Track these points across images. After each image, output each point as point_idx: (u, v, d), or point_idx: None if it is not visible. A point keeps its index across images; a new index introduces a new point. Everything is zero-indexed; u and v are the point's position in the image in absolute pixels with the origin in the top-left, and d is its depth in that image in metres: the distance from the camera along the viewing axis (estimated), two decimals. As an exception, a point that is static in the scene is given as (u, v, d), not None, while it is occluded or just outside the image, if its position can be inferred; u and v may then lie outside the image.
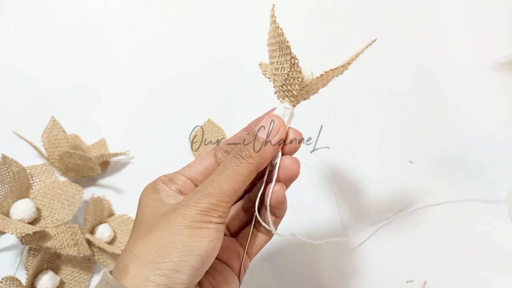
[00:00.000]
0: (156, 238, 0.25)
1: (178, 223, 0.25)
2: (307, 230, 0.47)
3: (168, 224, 0.25)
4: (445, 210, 0.48)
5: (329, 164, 0.50)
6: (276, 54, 0.29)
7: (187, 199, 0.26)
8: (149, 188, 0.30)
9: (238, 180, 0.27)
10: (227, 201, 0.26)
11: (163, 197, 0.29)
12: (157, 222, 0.26)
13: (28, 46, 0.56)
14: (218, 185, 0.26)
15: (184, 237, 0.25)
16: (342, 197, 0.49)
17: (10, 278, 0.41)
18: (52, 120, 0.47)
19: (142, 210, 0.28)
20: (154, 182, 0.30)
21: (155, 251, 0.24)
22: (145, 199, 0.29)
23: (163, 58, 0.56)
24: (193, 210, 0.25)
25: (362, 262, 0.46)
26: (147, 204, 0.28)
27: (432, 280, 0.45)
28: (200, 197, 0.26)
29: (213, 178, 0.27)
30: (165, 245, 0.25)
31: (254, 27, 0.58)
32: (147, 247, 0.25)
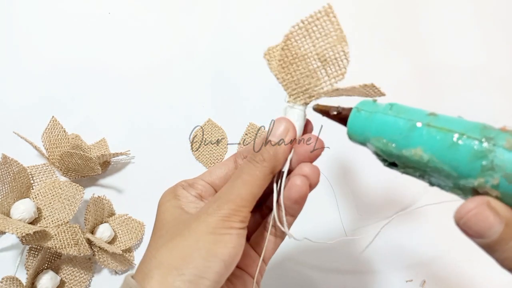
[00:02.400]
0: (180, 245, 0.25)
1: (201, 230, 0.25)
2: (307, 230, 0.47)
3: (191, 231, 0.26)
4: (445, 210, 0.48)
5: (329, 164, 0.50)
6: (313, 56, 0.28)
7: (207, 206, 0.27)
8: (169, 194, 0.30)
9: (255, 184, 0.27)
10: (247, 206, 0.26)
11: (183, 203, 0.29)
12: (179, 229, 0.26)
13: (28, 46, 0.56)
14: (236, 191, 0.27)
15: (207, 244, 0.25)
16: (342, 197, 0.49)
17: (10, 278, 0.41)
18: (53, 120, 0.47)
19: (162, 217, 0.28)
20: (174, 188, 0.30)
21: (179, 257, 0.25)
22: (165, 205, 0.29)
23: (163, 58, 0.56)
24: (215, 217, 0.26)
25: (362, 261, 0.46)
26: (167, 210, 0.28)
27: (431, 280, 0.45)
28: (220, 204, 0.26)
29: (231, 184, 0.27)
30: (190, 251, 0.25)
31: (256, 26, 0.58)
32: (171, 254, 0.25)
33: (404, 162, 0.24)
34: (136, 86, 0.55)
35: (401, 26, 0.58)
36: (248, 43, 0.56)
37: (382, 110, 0.25)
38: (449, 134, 0.21)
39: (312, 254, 0.46)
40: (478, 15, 0.59)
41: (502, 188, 0.19)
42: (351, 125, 0.26)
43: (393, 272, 0.45)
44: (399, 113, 0.24)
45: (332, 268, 0.46)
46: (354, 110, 0.26)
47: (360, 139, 0.26)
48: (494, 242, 0.19)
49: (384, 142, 0.24)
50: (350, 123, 0.26)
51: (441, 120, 0.22)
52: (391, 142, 0.23)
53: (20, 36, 0.57)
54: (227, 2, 0.59)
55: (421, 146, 0.22)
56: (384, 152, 0.24)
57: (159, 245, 0.26)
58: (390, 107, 0.25)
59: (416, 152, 0.22)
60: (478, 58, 0.56)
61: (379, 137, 0.24)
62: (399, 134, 0.23)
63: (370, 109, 0.26)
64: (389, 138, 0.23)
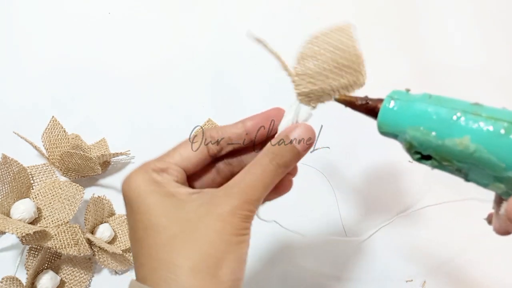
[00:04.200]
0: (205, 247, 0.23)
1: (228, 232, 0.24)
2: (307, 231, 0.47)
3: (215, 232, 0.24)
4: (445, 210, 0.48)
5: (329, 164, 0.50)
6: (331, 62, 0.27)
7: (228, 203, 0.25)
8: (145, 181, 0.25)
9: (273, 184, 0.27)
10: (257, 207, 0.26)
11: (173, 191, 0.25)
12: (195, 228, 0.24)
13: (28, 46, 0.56)
14: (258, 194, 0.26)
15: (235, 247, 0.24)
16: (342, 197, 0.49)
17: (10, 278, 0.41)
18: (53, 120, 0.47)
19: (153, 209, 0.24)
20: (146, 174, 0.26)
21: (212, 262, 0.23)
22: (150, 195, 0.25)
23: (163, 58, 0.56)
24: (238, 218, 0.24)
25: (362, 262, 0.46)
26: (157, 201, 0.25)
27: (432, 280, 0.45)
28: (243, 205, 0.25)
29: (252, 183, 0.26)
30: (221, 255, 0.23)
31: (256, 26, 0.58)
32: (199, 256, 0.23)
33: (442, 154, 0.23)
34: (136, 86, 0.55)
35: (401, 26, 0.58)
36: (248, 43, 0.56)
37: (420, 98, 0.24)
38: (498, 123, 0.20)
39: (311, 254, 0.46)
40: (478, 15, 0.59)
41: None
42: (383, 115, 0.25)
43: (393, 272, 0.45)
44: (440, 102, 0.23)
45: (331, 268, 0.46)
46: (387, 99, 0.25)
47: (393, 129, 0.25)
48: None
49: (423, 131, 0.23)
50: (382, 112, 0.25)
51: (488, 110, 0.21)
52: (431, 131, 0.22)
53: (20, 36, 0.57)
54: (227, 2, 0.59)
55: (468, 135, 0.21)
56: (422, 143, 0.23)
57: (172, 247, 0.23)
58: (429, 96, 0.24)
59: (462, 142, 0.21)
60: (478, 58, 0.56)
61: (417, 126, 0.23)
62: (442, 123, 0.22)
63: (405, 98, 0.25)
64: (429, 128, 0.23)
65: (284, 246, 0.47)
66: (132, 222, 0.25)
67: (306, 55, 0.27)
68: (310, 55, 0.27)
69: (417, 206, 0.48)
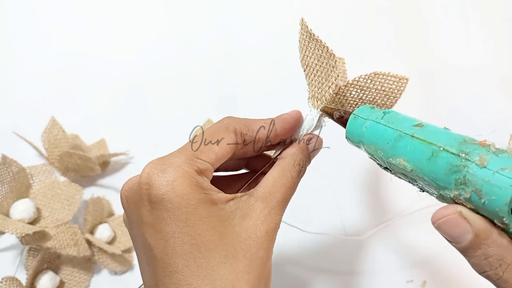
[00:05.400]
0: (260, 268, 0.22)
1: (271, 248, 0.23)
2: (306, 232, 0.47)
3: (264, 251, 0.23)
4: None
5: (329, 164, 0.50)
6: (312, 60, 0.30)
7: (272, 220, 0.24)
8: (191, 186, 0.22)
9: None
10: None
11: (215, 199, 0.23)
12: (247, 247, 0.22)
13: (28, 46, 0.56)
14: (287, 204, 0.26)
15: (271, 260, 0.24)
16: (342, 197, 0.49)
17: (10, 278, 0.41)
18: (52, 120, 0.47)
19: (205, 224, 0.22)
20: (191, 176, 0.22)
21: (263, 283, 0.22)
22: (198, 207, 0.22)
23: (163, 58, 0.56)
24: (276, 234, 0.24)
25: (362, 262, 0.46)
26: (206, 215, 0.22)
27: (432, 280, 0.45)
28: (281, 219, 0.25)
29: (286, 196, 0.26)
30: (267, 274, 0.23)
31: (256, 27, 0.58)
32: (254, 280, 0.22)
33: (393, 169, 0.25)
34: (136, 86, 0.54)
35: (402, 26, 0.58)
36: (248, 43, 0.56)
37: (374, 117, 0.26)
38: (429, 146, 0.22)
39: (311, 254, 0.46)
40: (478, 14, 0.58)
41: (474, 202, 0.19)
42: (348, 130, 0.27)
43: (393, 272, 0.45)
44: (389, 122, 0.25)
45: (331, 268, 0.46)
46: (351, 116, 0.27)
47: (356, 143, 0.27)
48: (465, 248, 0.21)
49: (374, 149, 0.25)
50: (348, 127, 0.27)
51: (425, 132, 0.23)
52: (380, 150, 0.24)
53: (20, 36, 0.57)
54: (228, 2, 0.59)
55: (404, 157, 0.23)
56: (376, 159, 0.26)
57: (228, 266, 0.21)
58: (383, 115, 0.25)
59: (400, 162, 0.23)
60: (478, 58, 0.56)
61: (370, 144, 0.25)
62: (387, 143, 0.24)
63: (365, 116, 0.26)
64: (378, 146, 0.24)
65: (282, 245, 0.46)
66: (173, 232, 0.21)
67: (358, 84, 0.29)
68: (361, 85, 0.29)
69: (417, 207, 0.48)
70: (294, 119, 0.29)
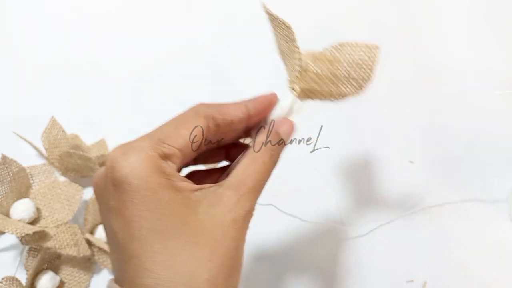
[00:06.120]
0: (223, 257, 0.21)
1: (240, 239, 0.23)
2: (306, 230, 0.47)
3: (231, 240, 0.22)
4: (445, 210, 0.48)
5: (329, 165, 0.50)
6: (281, 42, 0.29)
7: (241, 208, 0.23)
8: (152, 170, 0.21)
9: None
10: None
11: (179, 186, 0.22)
12: (211, 235, 0.21)
13: (27, 46, 0.56)
14: (260, 193, 0.25)
15: (242, 252, 0.23)
16: (342, 197, 0.49)
17: (10, 278, 0.41)
18: (52, 120, 0.47)
19: (166, 209, 0.21)
20: (152, 160, 0.22)
21: (227, 273, 0.21)
22: (159, 191, 0.21)
23: (163, 58, 0.56)
24: (247, 222, 0.23)
25: (362, 262, 0.46)
26: (167, 200, 0.21)
27: (432, 281, 0.45)
28: (252, 207, 0.24)
29: (258, 183, 0.25)
30: (233, 264, 0.22)
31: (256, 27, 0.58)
32: (215, 268, 0.21)
33: None
34: (136, 86, 0.54)
35: (401, 26, 0.58)
36: (248, 43, 0.56)
37: None
38: None
39: (311, 253, 0.46)
40: (479, 14, 0.58)
41: None
42: None
43: (393, 273, 0.45)
44: None
45: (331, 268, 0.46)
46: None
47: None
48: None
49: None
50: None
51: None
52: None
53: (20, 36, 0.57)
54: (228, 2, 0.59)
55: None
56: None
57: (188, 253, 0.21)
58: None
59: None
60: (478, 58, 0.56)
61: None
62: None
63: None
64: None
65: (281, 244, 0.46)
66: (132, 216, 0.21)
67: (325, 57, 0.28)
68: (328, 58, 0.28)
69: (417, 208, 0.48)
70: (268, 100, 0.28)
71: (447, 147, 0.51)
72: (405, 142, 0.51)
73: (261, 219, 0.47)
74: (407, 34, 0.57)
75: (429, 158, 0.51)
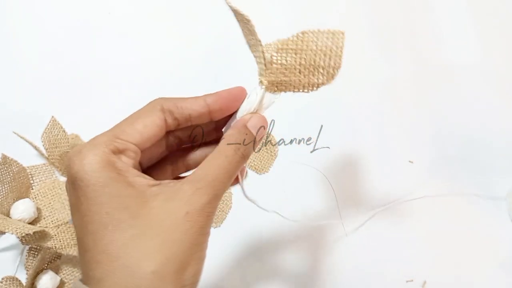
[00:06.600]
0: (170, 250, 0.21)
1: (194, 232, 0.22)
2: (306, 231, 0.47)
3: (182, 233, 0.22)
4: (447, 210, 0.48)
5: (329, 165, 0.50)
6: (248, 37, 0.28)
7: (197, 201, 0.22)
8: (102, 165, 0.22)
9: (236, 175, 0.26)
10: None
11: (133, 181, 0.23)
12: (160, 228, 0.21)
13: (27, 46, 0.56)
14: (224, 187, 0.24)
15: (198, 247, 0.22)
16: (342, 197, 0.49)
17: (10, 278, 0.41)
18: (52, 120, 0.47)
19: (115, 203, 0.21)
20: (103, 155, 0.22)
21: (176, 266, 0.21)
22: (108, 185, 0.22)
23: (164, 58, 0.56)
24: (205, 216, 0.23)
25: (362, 261, 0.46)
26: (116, 194, 0.22)
27: (432, 280, 0.45)
28: (212, 201, 0.23)
29: (219, 177, 0.24)
30: (184, 258, 0.21)
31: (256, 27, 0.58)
32: (160, 260, 0.21)
33: None
34: (136, 86, 0.54)
35: (401, 26, 0.58)
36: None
37: None
38: None
39: (310, 253, 0.46)
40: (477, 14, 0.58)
41: None
42: None
43: (393, 272, 0.45)
44: None
45: (331, 267, 0.46)
46: None
47: None
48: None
49: None
50: None
51: None
52: None
53: (20, 36, 0.57)
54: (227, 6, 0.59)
55: None
56: None
57: (133, 246, 0.21)
58: None
59: None
60: (478, 58, 0.56)
61: None
62: None
63: None
64: None
65: (281, 245, 0.47)
66: (85, 210, 0.22)
67: (288, 47, 0.27)
68: (292, 48, 0.27)
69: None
70: (232, 94, 0.28)
71: (447, 147, 0.51)
72: (405, 142, 0.51)
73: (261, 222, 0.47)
74: (407, 34, 0.57)
75: (429, 158, 0.51)
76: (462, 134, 0.52)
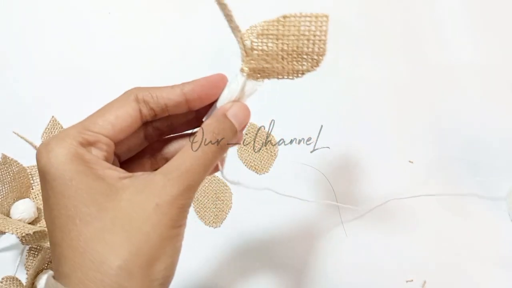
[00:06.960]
0: (138, 243, 0.20)
1: (165, 225, 0.21)
2: (306, 230, 0.47)
3: (151, 226, 0.21)
4: (447, 210, 0.48)
5: (329, 165, 0.50)
6: (229, 25, 0.27)
7: (167, 192, 0.21)
8: (69, 158, 0.21)
9: (213, 166, 0.24)
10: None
11: (103, 174, 0.22)
12: (128, 221, 0.20)
13: (27, 46, 0.56)
14: (199, 178, 0.23)
15: (170, 241, 0.21)
16: (342, 197, 0.49)
17: (10, 278, 0.41)
18: (52, 120, 0.47)
19: (81, 196, 0.21)
20: (71, 148, 0.22)
21: (145, 260, 0.20)
22: (75, 178, 0.21)
23: (164, 58, 0.56)
24: (177, 208, 0.22)
25: (361, 261, 0.46)
26: (83, 187, 0.21)
27: (432, 280, 0.45)
28: (184, 193, 0.22)
29: (193, 167, 0.23)
30: (154, 252, 0.21)
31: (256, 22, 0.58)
32: (127, 255, 0.20)
33: None
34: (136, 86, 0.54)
35: (401, 25, 0.58)
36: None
37: None
38: None
39: (310, 253, 0.46)
40: (477, 14, 0.58)
41: None
42: None
43: (393, 272, 0.45)
44: None
45: (331, 267, 0.46)
46: None
47: None
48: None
49: None
50: None
51: None
52: None
53: (20, 36, 0.57)
54: (228, 3, 0.59)
55: None
56: None
57: (100, 239, 0.20)
58: None
59: None
60: (478, 58, 0.56)
61: None
62: None
63: None
64: None
65: (280, 245, 0.47)
66: (53, 204, 0.21)
67: (269, 32, 0.26)
68: (273, 33, 0.25)
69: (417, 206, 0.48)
70: (210, 82, 0.26)
71: (447, 147, 0.51)
72: (405, 142, 0.51)
73: (261, 222, 0.47)
74: (407, 34, 0.57)
75: (429, 157, 0.51)
76: (462, 134, 0.52)
